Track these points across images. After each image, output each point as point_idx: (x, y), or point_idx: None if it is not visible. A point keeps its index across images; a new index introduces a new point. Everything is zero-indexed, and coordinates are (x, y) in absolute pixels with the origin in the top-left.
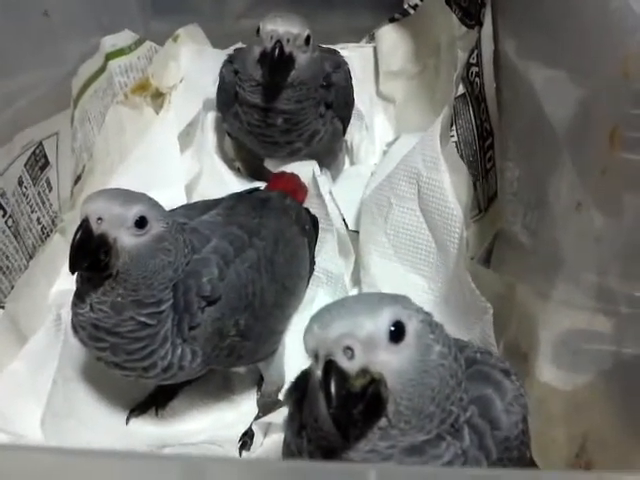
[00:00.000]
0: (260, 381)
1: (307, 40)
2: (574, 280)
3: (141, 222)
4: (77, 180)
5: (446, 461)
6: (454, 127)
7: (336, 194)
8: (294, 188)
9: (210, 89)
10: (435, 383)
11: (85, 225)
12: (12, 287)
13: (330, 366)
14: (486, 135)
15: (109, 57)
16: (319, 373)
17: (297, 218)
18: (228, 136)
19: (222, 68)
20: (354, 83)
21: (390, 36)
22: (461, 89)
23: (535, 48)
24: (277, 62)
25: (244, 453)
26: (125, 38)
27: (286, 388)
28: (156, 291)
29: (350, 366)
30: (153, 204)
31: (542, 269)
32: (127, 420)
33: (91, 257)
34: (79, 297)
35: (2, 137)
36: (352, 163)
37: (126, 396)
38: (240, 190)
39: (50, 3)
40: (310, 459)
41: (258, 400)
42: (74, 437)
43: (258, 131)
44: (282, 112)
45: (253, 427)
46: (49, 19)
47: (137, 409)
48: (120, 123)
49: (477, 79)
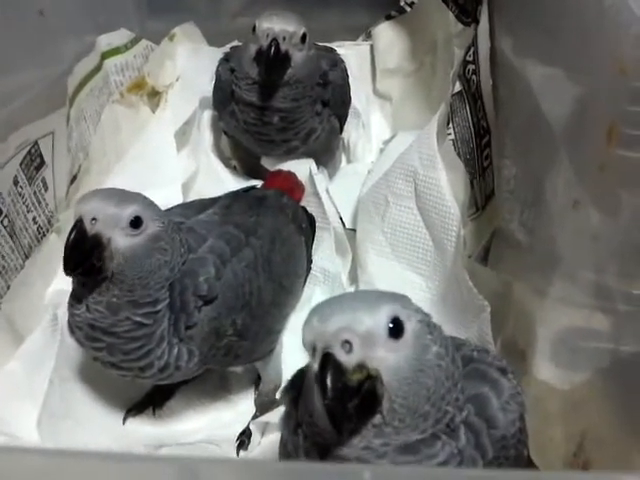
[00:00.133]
0: (257, 380)
1: (303, 38)
2: (571, 278)
3: (136, 222)
4: (73, 179)
5: (441, 461)
6: (451, 125)
7: (333, 192)
8: (291, 186)
9: (206, 87)
10: (431, 383)
11: (79, 225)
12: (8, 287)
13: (327, 359)
14: (483, 133)
15: (105, 56)
16: (316, 366)
17: (294, 216)
18: (224, 134)
19: (218, 66)
20: (350, 81)
21: (386, 34)
22: (458, 87)
23: (532, 45)
24: (273, 60)
25: (241, 453)
26: (121, 37)
27: (283, 387)
28: (152, 291)
29: (348, 360)
30: (148, 204)
31: (539, 267)
32: (124, 420)
33: (85, 258)
34: (75, 297)
35: None
36: (349, 161)
37: (123, 396)
38: (237, 189)
39: (45, 2)
40: (306, 457)
41: (255, 399)
42: (70, 437)
43: (254, 129)
44: (278, 110)
45: (251, 426)
46: (44, 18)
47: (134, 409)
48: (116, 122)
49: (474, 76)
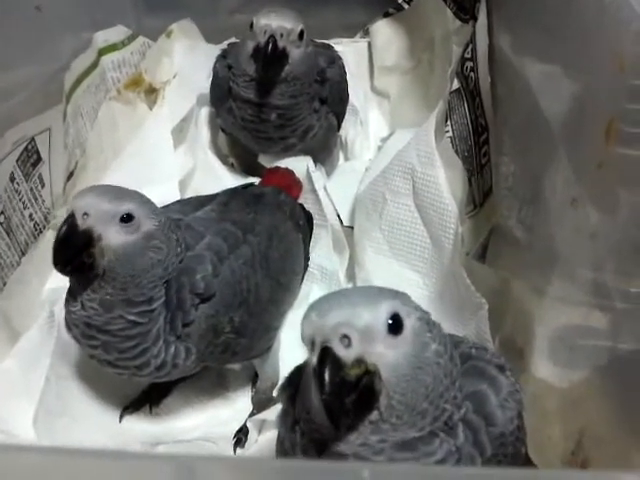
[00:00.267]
0: (255, 378)
1: (301, 35)
2: (569, 276)
3: (128, 219)
4: (70, 176)
5: (439, 458)
6: (449, 122)
7: (330, 190)
8: (289, 184)
9: (204, 84)
10: (429, 380)
11: (70, 220)
12: (4, 284)
13: (326, 353)
14: (481, 130)
15: (102, 52)
16: (314, 360)
17: (291, 214)
18: (222, 132)
19: (216, 63)
20: (348, 78)
21: (384, 31)
22: (456, 84)
23: (530, 42)
24: (271, 57)
25: (238, 450)
26: (118, 33)
27: (280, 384)
28: (145, 289)
29: (346, 355)
30: (144, 202)
31: (537, 264)
32: (121, 417)
33: (74, 253)
34: (71, 294)
35: None
36: (347, 159)
37: (119, 393)
38: (234, 186)
39: None
40: (303, 454)
41: (253, 397)
42: (67, 435)
43: (252, 126)
44: (276, 107)
45: (248, 424)
46: (41, 14)
47: (131, 406)
48: (113, 119)
49: (472, 74)
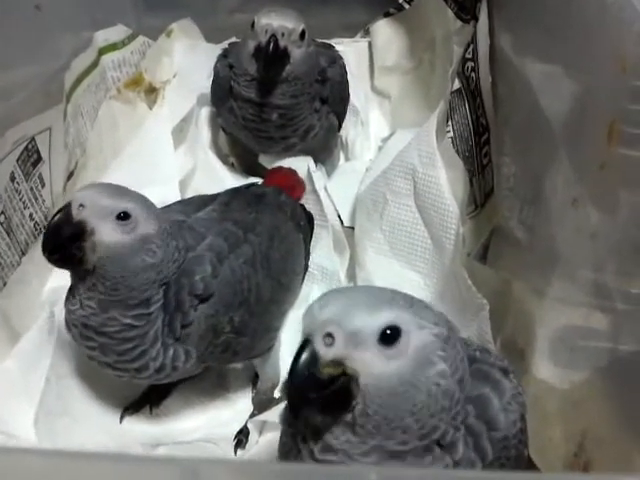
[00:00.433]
0: (255, 379)
1: (302, 35)
2: (570, 276)
3: (124, 217)
4: (70, 176)
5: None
6: (450, 122)
7: (331, 190)
8: (292, 184)
9: (204, 84)
10: (420, 399)
11: (65, 210)
12: (4, 284)
13: (306, 344)
14: (482, 130)
15: (102, 52)
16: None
17: (292, 214)
18: (222, 131)
19: (216, 63)
20: (349, 78)
21: (385, 31)
22: (457, 84)
23: (531, 42)
24: (272, 56)
25: (239, 451)
26: (118, 33)
27: (282, 383)
28: (136, 292)
29: (325, 353)
30: (145, 204)
31: (538, 265)
32: (121, 418)
33: (63, 242)
34: (71, 292)
35: None
36: (347, 159)
37: (120, 394)
38: (234, 186)
39: None
40: (303, 444)
41: (253, 398)
42: (67, 436)
43: (253, 126)
44: (277, 107)
45: (248, 425)
46: (41, 13)
47: (131, 407)
48: (113, 118)
49: (473, 74)
